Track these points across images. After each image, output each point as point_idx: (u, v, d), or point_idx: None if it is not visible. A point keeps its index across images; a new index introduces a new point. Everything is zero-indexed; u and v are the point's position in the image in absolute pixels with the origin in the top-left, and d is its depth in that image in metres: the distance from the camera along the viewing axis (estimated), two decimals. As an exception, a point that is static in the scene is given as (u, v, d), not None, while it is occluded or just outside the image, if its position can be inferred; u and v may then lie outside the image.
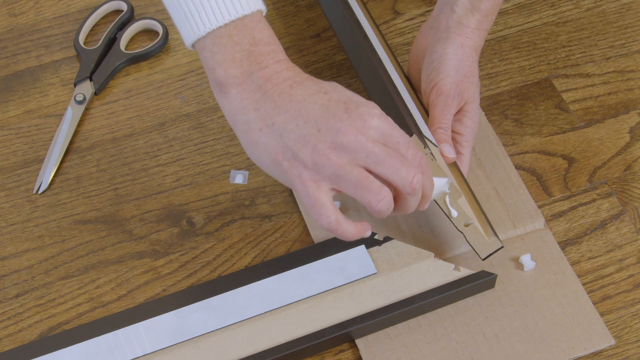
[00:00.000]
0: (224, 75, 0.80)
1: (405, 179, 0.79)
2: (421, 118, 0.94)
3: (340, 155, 0.78)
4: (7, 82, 1.06)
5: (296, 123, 0.78)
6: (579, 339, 0.88)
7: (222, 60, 0.79)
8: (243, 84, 0.80)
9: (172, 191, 0.98)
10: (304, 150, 0.78)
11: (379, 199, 0.79)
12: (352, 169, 0.78)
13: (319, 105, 0.78)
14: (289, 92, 0.79)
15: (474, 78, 0.95)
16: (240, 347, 0.87)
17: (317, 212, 0.79)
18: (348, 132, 0.78)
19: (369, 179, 0.79)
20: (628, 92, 1.05)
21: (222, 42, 0.79)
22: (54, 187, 0.99)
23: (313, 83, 0.80)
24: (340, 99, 0.79)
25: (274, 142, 0.79)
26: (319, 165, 0.78)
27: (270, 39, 0.81)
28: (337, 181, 0.78)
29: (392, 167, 0.79)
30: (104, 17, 1.11)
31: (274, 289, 0.90)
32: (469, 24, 0.94)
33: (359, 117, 0.78)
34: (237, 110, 0.80)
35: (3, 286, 0.92)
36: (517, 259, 0.93)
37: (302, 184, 0.78)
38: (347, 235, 0.81)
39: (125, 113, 1.04)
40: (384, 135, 0.79)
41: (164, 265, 0.94)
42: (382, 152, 0.78)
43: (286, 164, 0.79)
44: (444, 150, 0.92)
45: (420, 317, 0.90)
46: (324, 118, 0.78)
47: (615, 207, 0.96)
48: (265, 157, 0.80)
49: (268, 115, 0.79)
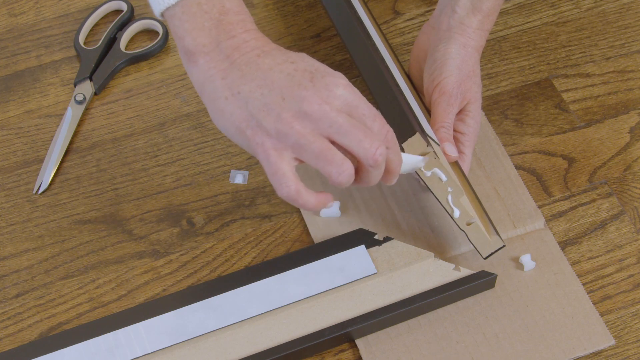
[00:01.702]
0: (192, 43, 0.80)
1: (367, 150, 0.78)
2: (424, 117, 0.94)
3: (303, 124, 0.77)
4: (7, 82, 1.06)
5: (261, 92, 0.78)
6: (579, 339, 0.88)
7: (190, 29, 0.79)
8: (211, 53, 0.79)
9: (172, 191, 0.98)
10: (267, 119, 0.77)
11: (340, 171, 0.78)
12: (314, 138, 0.77)
13: (285, 74, 0.78)
14: (256, 61, 0.79)
15: (476, 78, 0.95)
16: (240, 347, 0.87)
17: (277, 181, 0.78)
18: (312, 100, 0.77)
19: (331, 150, 0.78)
20: (628, 92, 1.05)
21: (192, 10, 0.79)
22: (54, 187, 0.99)
23: (281, 53, 0.80)
24: (306, 68, 0.79)
25: (238, 110, 0.78)
26: (282, 134, 0.77)
27: (239, 8, 0.81)
28: (299, 151, 0.78)
29: (355, 138, 0.78)
30: (104, 17, 1.11)
31: (274, 289, 0.90)
32: (470, 24, 0.94)
33: (324, 86, 0.78)
34: (204, 79, 0.80)
35: (3, 286, 0.93)
36: (517, 259, 0.93)
37: (264, 152, 0.78)
38: (308, 206, 0.80)
39: (125, 113, 1.04)
40: (350, 106, 0.79)
41: (164, 265, 0.94)
42: (345, 123, 0.78)
43: (249, 132, 0.78)
44: (446, 149, 0.92)
45: (420, 317, 0.90)
46: (289, 87, 0.78)
47: (615, 207, 0.96)
48: (230, 125, 0.79)
49: (234, 83, 0.79)
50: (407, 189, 0.97)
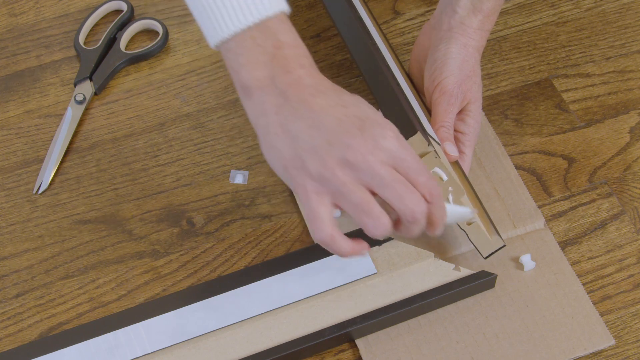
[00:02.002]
0: (248, 78, 0.79)
1: (407, 207, 0.78)
2: (424, 116, 0.94)
3: (346, 172, 0.77)
4: (7, 82, 1.06)
5: (310, 133, 0.78)
6: (579, 339, 0.88)
7: (245, 63, 0.79)
8: (266, 88, 0.79)
9: (172, 191, 0.98)
10: (312, 161, 0.77)
11: (376, 225, 0.78)
12: (355, 188, 0.77)
13: (335, 118, 0.78)
14: (310, 101, 0.78)
15: (476, 78, 0.95)
16: (240, 347, 0.87)
17: (314, 225, 0.79)
18: (358, 150, 0.77)
19: (370, 202, 0.78)
20: (628, 92, 1.05)
21: (246, 44, 0.79)
22: (54, 187, 0.99)
23: (335, 94, 0.79)
24: (357, 114, 0.78)
25: (287, 148, 0.78)
26: (324, 179, 0.77)
27: (295, 41, 0.80)
28: (339, 198, 0.78)
29: (396, 193, 0.78)
30: (104, 17, 1.11)
31: (274, 289, 0.90)
32: (471, 24, 0.94)
33: (371, 137, 0.78)
34: (259, 113, 0.80)
35: (3, 286, 0.92)
36: (517, 259, 0.93)
37: (305, 194, 0.78)
38: (341, 253, 0.80)
39: (125, 113, 1.04)
40: (395, 159, 0.78)
41: (164, 265, 0.94)
42: (388, 176, 0.78)
43: (294, 172, 0.78)
44: (446, 148, 0.92)
45: (420, 317, 0.90)
46: (336, 132, 0.77)
47: (615, 207, 0.96)
48: (277, 162, 0.79)
49: (287, 121, 0.78)
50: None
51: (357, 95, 0.81)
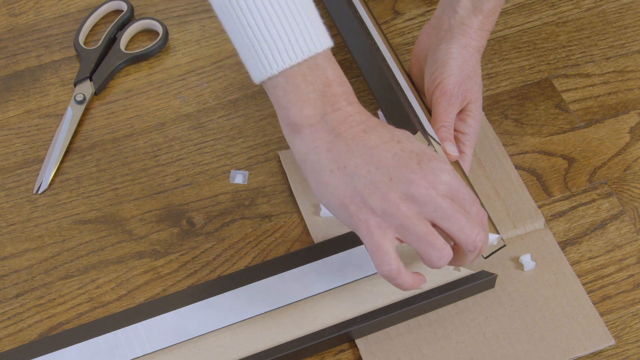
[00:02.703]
0: (297, 115, 0.79)
1: (469, 236, 0.80)
2: (424, 116, 0.94)
3: (409, 206, 0.78)
4: (7, 82, 1.06)
5: (368, 169, 0.78)
6: (579, 339, 0.88)
7: (295, 100, 0.79)
8: (316, 125, 0.79)
9: (172, 191, 0.98)
10: (374, 197, 0.78)
11: (440, 255, 0.79)
12: (419, 222, 0.78)
13: (392, 154, 0.79)
14: (362, 137, 0.79)
15: (477, 78, 0.95)
16: (240, 347, 0.87)
17: (380, 259, 0.79)
18: (420, 184, 0.78)
19: (434, 235, 0.79)
20: (628, 92, 1.05)
21: (296, 81, 0.79)
22: (54, 187, 0.99)
23: (386, 130, 0.80)
24: (413, 150, 0.79)
25: (344, 185, 0.79)
26: (387, 214, 0.78)
27: (341, 78, 0.80)
28: (403, 232, 0.79)
29: (458, 223, 0.79)
30: (104, 17, 1.11)
31: (274, 289, 0.90)
32: (471, 24, 0.94)
33: (430, 170, 0.79)
34: (309, 150, 0.80)
35: (3, 286, 0.93)
36: (517, 259, 0.93)
37: (368, 230, 0.79)
38: (404, 286, 0.81)
39: (125, 113, 1.04)
40: (452, 191, 0.80)
41: (164, 265, 0.94)
42: (449, 208, 0.79)
43: (353, 208, 0.79)
44: (447, 148, 0.92)
45: (420, 317, 0.90)
46: (396, 167, 0.78)
47: (615, 207, 0.96)
48: (333, 199, 0.80)
49: (340, 157, 0.79)
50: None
51: (405, 130, 0.82)
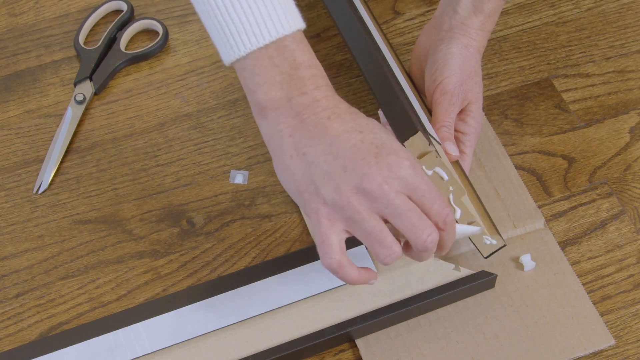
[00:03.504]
0: (264, 98, 0.79)
1: (419, 237, 0.78)
2: (425, 116, 0.94)
3: (360, 200, 0.77)
4: (7, 82, 1.06)
5: (325, 158, 0.78)
6: (579, 339, 0.88)
7: (262, 83, 0.79)
8: (281, 108, 0.79)
9: (172, 191, 0.98)
10: (326, 187, 0.77)
11: (388, 253, 0.78)
12: (369, 217, 0.77)
13: (351, 144, 0.78)
14: (325, 124, 0.78)
15: (477, 78, 0.95)
16: (240, 347, 0.87)
17: (323, 251, 0.79)
18: (373, 179, 0.77)
19: (383, 232, 0.78)
20: (628, 92, 1.05)
21: (263, 63, 0.78)
22: (54, 187, 0.99)
23: (351, 118, 0.79)
24: (373, 141, 0.78)
25: (301, 172, 0.78)
26: (338, 206, 0.77)
27: (311, 62, 0.80)
28: (352, 225, 0.78)
29: (409, 222, 0.78)
30: (104, 17, 1.11)
31: (274, 289, 0.90)
32: (472, 24, 0.94)
33: (387, 165, 0.77)
34: (273, 133, 0.80)
35: (3, 286, 0.93)
36: (517, 259, 0.93)
37: (317, 219, 0.78)
38: (348, 280, 0.80)
39: (125, 113, 1.04)
40: (409, 188, 0.78)
41: (164, 265, 0.94)
42: (402, 206, 0.78)
43: (307, 196, 0.78)
44: (447, 148, 0.92)
45: (420, 317, 0.90)
46: (353, 159, 0.77)
47: (615, 207, 0.96)
48: (290, 184, 0.80)
49: (301, 144, 0.78)
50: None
51: (373, 119, 0.81)
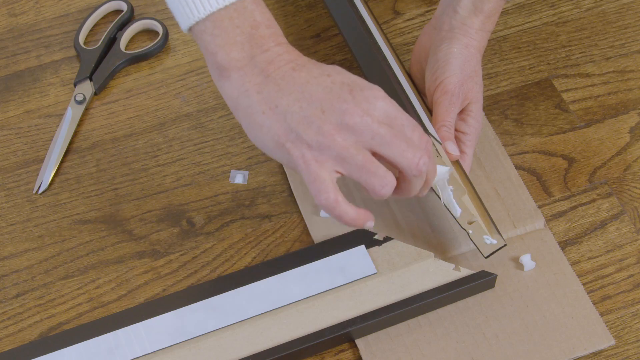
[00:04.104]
0: (225, 59, 0.79)
1: (411, 160, 0.79)
2: (425, 116, 0.94)
3: (345, 136, 0.77)
4: (7, 82, 1.06)
5: (300, 105, 0.77)
6: (579, 339, 0.88)
7: (223, 44, 0.79)
8: (245, 67, 0.79)
9: (172, 191, 0.98)
10: (308, 131, 0.77)
11: (383, 183, 0.78)
12: (357, 151, 0.77)
13: (323, 87, 0.78)
14: (292, 75, 0.78)
15: (477, 78, 0.95)
16: (240, 347, 0.87)
17: (316, 189, 0.78)
18: (354, 113, 0.77)
19: (374, 162, 0.78)
20: (628, 92, 1.05)
21: (223, 25, 0.78)
22: (54, 187, 0.99)
23: (315, 66, 0.80)
24: (344, 81, 0.79)
25: (277, 124, 0.78)
26: (324, 147, 0.77)
27: (269, 21, 0.80)
28: (342, 163, 0.78)
29: (398, 148, 0.78)
30: (104, 17, 1.11)
31: (274, 289, 0.90)
32: (472, 25, 0.94)
33: (364, 99, 0.78)
34: (239, 94, 0.79)
35: (3, 286, 0.93)
36: (517, 259, 0.93)
37: (305, 163, 0.78)
38: (345, 218, 0.79)
39: (125, 113, 1.04)
40: (389, 117, 0.79)
41: (164, 265, 0.94)
42: (388, 133, 0.78)
43: (289, 145, 0.78)
44: (447, 147, 0.92)
45: (420, 317, 0.90)
46: (328, 100, 0.77)
47: (615, 207, 0.96)
48: (268, 140, 0.79)
49: (271, 97, 0.78)
50: (407, 189, 0.97)
51: (335, 65, 0.81)
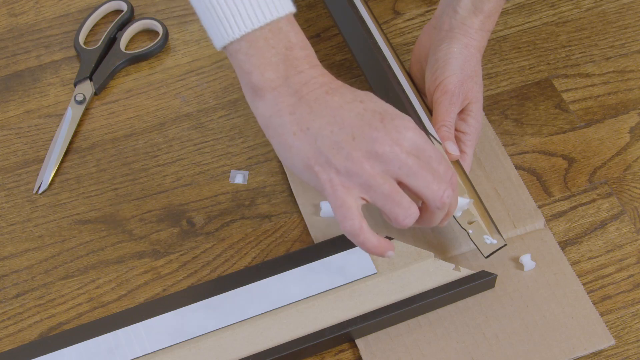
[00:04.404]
0: (260, 79, 0.79)
1: (436, 193, 0.80)
2: (425, 116, 0.94)
3: (373, 164, 0.78)
4: (7, 82, 1.06)
5: (331, 129, 0.78)
6: (579, 339, 0.88)
7: (258, 64, 0.79)
8: (279, 88, 0.79)
9: (172, 191, 0.98)
10: (337, 157, 0.78)
11: (406, 214, 0.79)
12: (384, 180, 0.78)
13: (355, 113, 0.78)
14: (325, 98, 0.79)
15: (477, 78, 0.95)
16: (240, 347, 0.87)
17: (342, 215, 0.79)
18: (384, 142, 0.78)
19: (399, 192, 0.79)
20: (628, 92, 1.05)
21: (258, 45, 0.79)
22: (54, 187, 0.99)
23: (349, 91, 0.80)
24: (375, 109, 0.79)
25: (307, 147, 0.79)
26: (352, 173, 0.78)
27: (304, 42, 0.80)
28: (368, 191, 0.78)
29: (424, 180, 0.79)
30: (104, 17, 1.11)
31: (274, 289, 0.90)
32: (472, 24, 0.94)
33: (394, 128, 0.78)
34: (272, 114, 0.80)
35: (3, 286, 0.93)
36: (517, 259, 0.93)
37: (332, 188, 0.78)
38: (368, 245, 0.80)
39: (125, 113, 1.04)
40: (418, 149, 0.79)
41: (164, 265, 0.94)
42: (415, 164, 0.79)
43: (318, 169, 0.79)
44: (448, 147, 0.92)
45: (420, 317, 0.90)
46: (359, 126, 0.78)
47: (615, 207, 0.96)
48: (298, 161, 0.80)
49: (303, 119, 0.79)
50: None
51: (368, 91, 0.81)
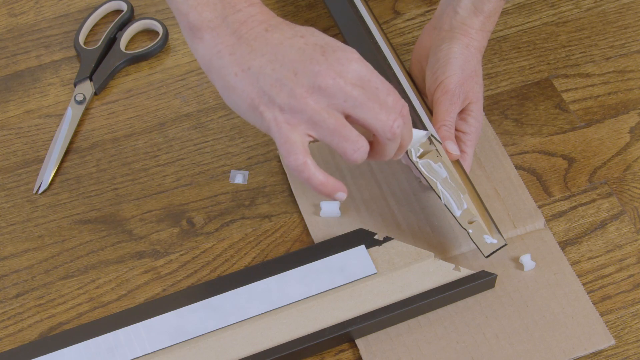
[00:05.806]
0: (198, 18, 0.78)
1: (385, 123, 0.77)
2: (426, 115, 0.94)
3: (317, 99, 0.76)
4: (7, 82, 1.06)
5: (272, 67, 0.77)
6: (579, 339, 0.88)
7: (195, 4, 0.78)
8: (217, 28, 0.78)
9: (172, 191, 0.98)
10: (280, 94, 0.76)
11: (355, 148, 0.77)
12: (329, 115, 0.76)
13: (296, 48, 0.77)
14: (265, 36, 0.78)
15: (478, 78, 0.95)
16: (240, 347, 0.87)
17: (286, 150, 0.77)
18: (326, 75, 0.76)
19: (346, 126, 0.77)
20: (628, 92, 1.05)
21: None
22: (54, 187, 0.99)
23: (289, 27, 0.79)
24: (317, 42, 0.78)
25: (249, 87, 0.77)
26: (296, 110, 0.76)
27: None
28: (314, 127, 0.77)
29: (372, 110, 0.77)
30: (104, 17, 1.11)
31: (274, 289, 0.90)
32: (472, 25, 0.94)
33: (336, 60, 0.77)
34: (211, 55, 0.79)
35: (3, 286, 0.93)
36: (517, 259, 0.93)
37: (277, 126, 0.77)
38: (314, 182, 0.78)
39: (125, 113, 1.04)
40: (363, 80, 0.77)
41: (164, 265, 0.94)
42: (361, 96, 0.77)
43: (262, 108, 0.77)
44: (448, 147, 0.92)
45: (420, 317, 0.90)
46: (301, 61, 0.76)
47: (615, 207, 0.96)
48: (241, 102, 0.78)
49: (244, 59, 0.77)
50: (407, 189, 0.97)
51: (310, 26, 0.80)
